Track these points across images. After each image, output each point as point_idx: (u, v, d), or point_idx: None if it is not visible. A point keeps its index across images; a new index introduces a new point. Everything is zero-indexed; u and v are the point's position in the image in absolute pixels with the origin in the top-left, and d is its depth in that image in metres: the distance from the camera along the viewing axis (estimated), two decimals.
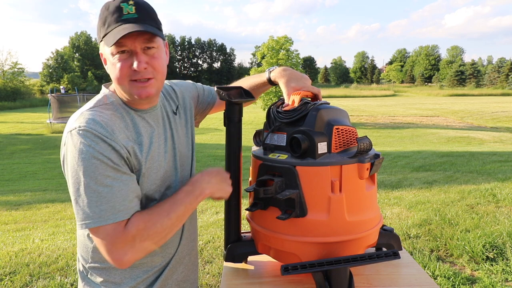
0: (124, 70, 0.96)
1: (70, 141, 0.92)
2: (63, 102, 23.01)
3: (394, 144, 13.75)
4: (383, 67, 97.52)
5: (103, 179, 0.90)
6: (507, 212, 3.75)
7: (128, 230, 0.92)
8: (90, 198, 0.90)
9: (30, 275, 2.85)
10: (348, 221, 1.04)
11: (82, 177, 0.89)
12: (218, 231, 3.73)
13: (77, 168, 0.90)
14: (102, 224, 0.90)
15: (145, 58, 0.97)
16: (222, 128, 1.26)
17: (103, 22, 0.96)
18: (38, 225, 4.75)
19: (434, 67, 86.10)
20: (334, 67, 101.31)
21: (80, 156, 0.90)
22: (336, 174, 1.01)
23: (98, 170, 0.90)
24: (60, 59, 56.36)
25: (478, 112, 26.75)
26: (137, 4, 0.96)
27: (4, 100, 41.09)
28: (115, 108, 1.01)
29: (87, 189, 0.89)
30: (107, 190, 0.90)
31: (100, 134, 0.91)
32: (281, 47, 24.00)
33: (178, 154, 1.15)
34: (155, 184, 1.05)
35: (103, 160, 0.91)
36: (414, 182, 5.84)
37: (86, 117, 0.94)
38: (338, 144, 1.05)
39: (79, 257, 1.12)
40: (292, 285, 1.14)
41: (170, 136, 1.13)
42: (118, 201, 0.92)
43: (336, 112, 1.10)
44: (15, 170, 11.08)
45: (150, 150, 1.03)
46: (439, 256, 2.96)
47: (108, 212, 0.90)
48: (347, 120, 1.12)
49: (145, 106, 1.06)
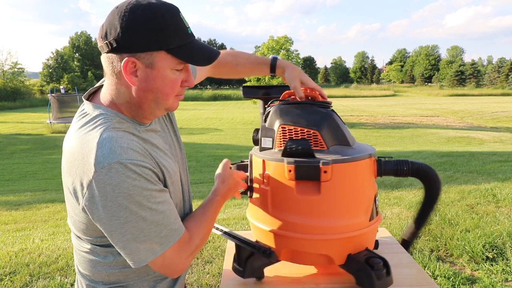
0: (177, 85, 0.92)
1: (108, 180, 0.80)
2: (63, 102, 23.01)
3: (394, 144, 13.75)
4: (383, 67, 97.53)
5: (157, 206, 0.87)
6: (507, 212, 3.75)
7: (193, 241, 0.97)
8: (149, 231, 0.86)
9: (30, 275, 2.85)
10: (270, 213, 1.12)
11: (136, 214, 0.84)
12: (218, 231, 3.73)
13: (127, 206, 0.82)
14: (165, 249, 0.90)
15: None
16: (222, 128, 1.28)
17: (173, 27, 0.86)
18: (38, 225, 4.74)
19: (434, 67, 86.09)
20: (334, 67, 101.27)
21: (128, 193, 0.82)
22: (264, 168, 1.13)
23: (149, 201, 0.85)
24: (60, 59, 56.38)
25: (478, 112, 26.74)
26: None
27: (4, 100, 41.09)
28: (125, 125, 0.91)
29: (144, 223, 0.85)
30: (162, 216, 0.88)
31: (138, 162, 0.84)
32: (281, 47, 24.01)
33: (177, 156, 1.12)
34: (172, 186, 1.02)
35: (152, 188, 0.86)
36: (414, 182, 5.84)
37: (111, 146, 0.83)
38: (282, 141, 1.12)
39: (83, 278, 1.01)
40: (292, 285, 1.14)
41: (171, 143, 1.09)
42: (172, 221, 0.91)
43: (295, 112, 1.13)
44: (15, 170, 11.08)
45: (167, 165, 0.98)
46: (439, 256, 2.96)
47: (169, 235, 0.90)
48: (305, 121, 1.12)
49: (149, 120, 1.00)
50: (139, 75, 0.87)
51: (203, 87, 72.99)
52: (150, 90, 0.89)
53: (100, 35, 0.87)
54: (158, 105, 0.93)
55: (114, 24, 0.84)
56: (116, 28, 0.83)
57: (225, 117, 27.09)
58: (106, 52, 0.87)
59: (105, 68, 0.90)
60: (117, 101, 0.92)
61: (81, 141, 0.85)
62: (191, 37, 0.90)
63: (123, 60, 0.85)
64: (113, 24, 0.84)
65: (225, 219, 4.29)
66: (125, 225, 0.83)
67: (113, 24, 0.84)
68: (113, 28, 0.84)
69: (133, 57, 0.85)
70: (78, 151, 0.85)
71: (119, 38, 0.83)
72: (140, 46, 0.84)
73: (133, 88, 0.89)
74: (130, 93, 0.90)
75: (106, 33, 0.85)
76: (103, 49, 0.87)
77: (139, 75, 0.88)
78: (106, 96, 0.93)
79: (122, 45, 0.84)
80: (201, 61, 0.91)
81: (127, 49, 0.85)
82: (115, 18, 0.84)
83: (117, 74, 0.88)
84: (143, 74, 0.87)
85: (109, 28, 0.85)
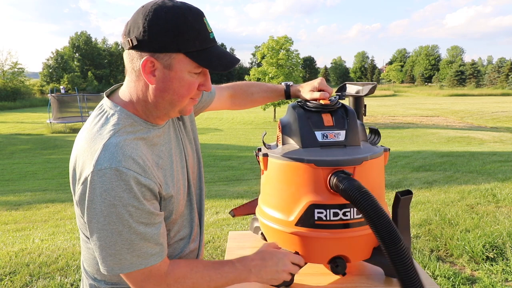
0: (194, 89, 0.92)
1: (99, 183, 0.82)
2: (63, 102, 23.03)
3: (394, 144, 13.75)
4: (383, 67, 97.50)
5: (137, 226, 0.85)
6: (507, 212, 3.75)
7: (166, 276, 0.90)
8: (121, 245, 0.84)
9: (30, 275, 2.85)
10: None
11: (114, 225, 0.83)
12: (218, 231, 3.73)
13: (107, 214, 0.82)
14: (133, 270, 0.87)
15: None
16: (222, 128, 1.28)
17: (194, 31, 0.87)
18: (38, 225, 4.75)
19: (434, 67, 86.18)
20: (334, 67, 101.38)
21: (113, 202, 0.82)
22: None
23: (132, 218, 0.84)
24: (60, 59, 56.46)
25: (478, 112, 26.76)
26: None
27: (4, 100, 41.15)
28: (136, 128, 0.92)
29: (118, 236, 0.84)
30: (140, 238, 0.86)
31: (136, 174, 0.84)
32: (281, 47, 24.02)
33: (188, 166, 1.08)
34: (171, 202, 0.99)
35: (138, 206, 0.85)
36: (414, 182, 5.85)
37: (115, 152, 0.84)
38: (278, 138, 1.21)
39: (87, 276, 1.03)
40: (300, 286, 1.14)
41: (183, 148, 1.08)
42: (150, 246, 0.88)
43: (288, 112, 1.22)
44: (15, 170, 11.08)
45: (171, 174, 0.97)
46: (439, 256, 2.96)
47: (140, 258, 0.86)
48: (292, 120, 1.17)
49: (163, 121, 1.00)
50: (157, 75, 0.89)
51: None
52: (167, 91, 0.90)
53: (124, 32, 0.89)
54: (173, 106, 0.93)
55: (138, 22, 0.86)
56: (139, 26, 0.85)
57: (225, 117, 27.09)
58: (128, 49, 0.89)
59: (126, 64, 0.92)
60: (134, 99, 0.93)
61: (92, 138, 0.88)
62: (212, 42, 0.91)
63: (143, 58, 0.86)
64: (137, 22, 0.86)
65: (225, 219, 4.29)
66: (101, 232, 0.84)
67: (137, 22, 0.86)
68: (136, 26, 0.86)
69: (152, 57, 0.86)
70: (87, 146, 0.87)
71: (140, 37, 0.85)
72: (160, 47, 0.85)
73: (150, 87, 0.91)
74: (147, 92, 0.91)
75: (129, 31, 0.87)
76: (125, 46, 0.89)
77: (157, 75, 0.89)
78: (125, 94, 0.95)
79: (143, 44, 0.86)
80: (219, 67, 0.90)
81: (147, 48, 0.86)
82: (139, 17, 0.86)
83: (137, 71, 0.90)
84: (161, 74, 0.88)
85: (133, 26, 0.87)
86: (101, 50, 69.15)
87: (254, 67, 24.63)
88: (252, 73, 23.59)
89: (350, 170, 1.03)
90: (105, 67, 67.57)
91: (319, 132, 1.11)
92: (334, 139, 1.10)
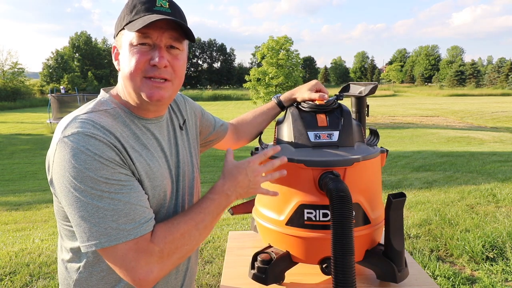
0: (141, 63, 0.84)
1: (64, 150, 0.76)
2: (63, 102, 22.99)
3: (394, 144, 13.74)
4: (383, 67, 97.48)
5: (115, 185, 0.77)
6: (507, 212, 3.75)
7: (154, 244, 0.80)
8: (103, 211, 0.76)
9: (30, 275, 2.85)
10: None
11: (89, 188, 0.75)
12: (218, 231, 3.73)
13: (79, 179, 0.75)
14: (122, 241, 0.77)
15: (168, 56, 0.86)
16: None
17: (130, 9, 0.85)
18: (38, 225, 4.74)
19: (434, 67, 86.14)
20: (334, 67, 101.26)
21: (82, 164, 0.75)
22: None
23: (107, 175, 0.77)
24: (60, 59, 56.43)
25: (478, 112, 26.74)
26: (170, 1, 0.88)
27: (4, 100, 41.13)
28: (116, 115, 0.87)
29: (99, 200, 0.76)
30: (124, 199, 0.78)
31: (102, 138, 0.78)
32: (281, 47, 23.98)
33: (181, 173, 1.00)
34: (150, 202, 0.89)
35: (109, 165, 0.78)
36: (414, 182, 5.84)
37: (82, 121, 0.80)
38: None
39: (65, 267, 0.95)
40: (292, 285, 1.14)
41: (175, 153, 1.00)
42: (138, 212, 0.79)
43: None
44: (15, 170, 11.07)
45: (153, 167, 0.89)
46: (439, 256, 2.96)
47: (128, 226, 0.77)
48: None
49: (151, 114, 0.93)
50: (119, 58, 0.90)
51: (203, 87, 73.03)
52: (122, 71, 0.88)
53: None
54: (131, 88, 0.87)
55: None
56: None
57: (225, 117, 26.92)
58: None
59: None
60: (120, 89, 0.93)
61: (67, 116, 0.85)
62: (153, 12, 0.84)
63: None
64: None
65: (225, 219, 4.29)
66: (75, 203, 0.77)
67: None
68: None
69: (115, 44, 0.91)
70: (59, 124, 0.85)
71: (114, 30, 0.92)
72: (116, 32, 0.91)
73: (119, 74, 0.92)
74: (121, 79, 0.92)
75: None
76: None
77: (119, 59, 0.90)
78: (116, 87, 0.96)
79: (114, 36, 0.93)
80: (138, 24, 0.82)
81: (114, 36, 0.92)
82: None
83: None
84: (120, 56, 0.90)
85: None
86: (101, 50, 69.15)
87: (254, 67, 24.59)
88: (252, 73, 23.54)
89: (341, 171, 1.02)
90: (105, 67, 67.54)
91: (312, 133, 1.11)
92: (326, 140, 1.10)
